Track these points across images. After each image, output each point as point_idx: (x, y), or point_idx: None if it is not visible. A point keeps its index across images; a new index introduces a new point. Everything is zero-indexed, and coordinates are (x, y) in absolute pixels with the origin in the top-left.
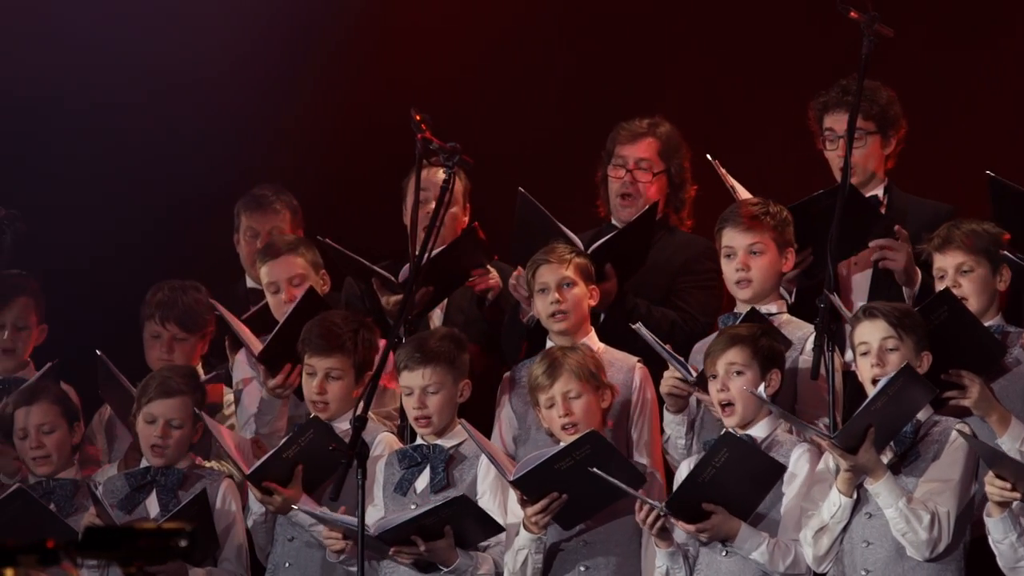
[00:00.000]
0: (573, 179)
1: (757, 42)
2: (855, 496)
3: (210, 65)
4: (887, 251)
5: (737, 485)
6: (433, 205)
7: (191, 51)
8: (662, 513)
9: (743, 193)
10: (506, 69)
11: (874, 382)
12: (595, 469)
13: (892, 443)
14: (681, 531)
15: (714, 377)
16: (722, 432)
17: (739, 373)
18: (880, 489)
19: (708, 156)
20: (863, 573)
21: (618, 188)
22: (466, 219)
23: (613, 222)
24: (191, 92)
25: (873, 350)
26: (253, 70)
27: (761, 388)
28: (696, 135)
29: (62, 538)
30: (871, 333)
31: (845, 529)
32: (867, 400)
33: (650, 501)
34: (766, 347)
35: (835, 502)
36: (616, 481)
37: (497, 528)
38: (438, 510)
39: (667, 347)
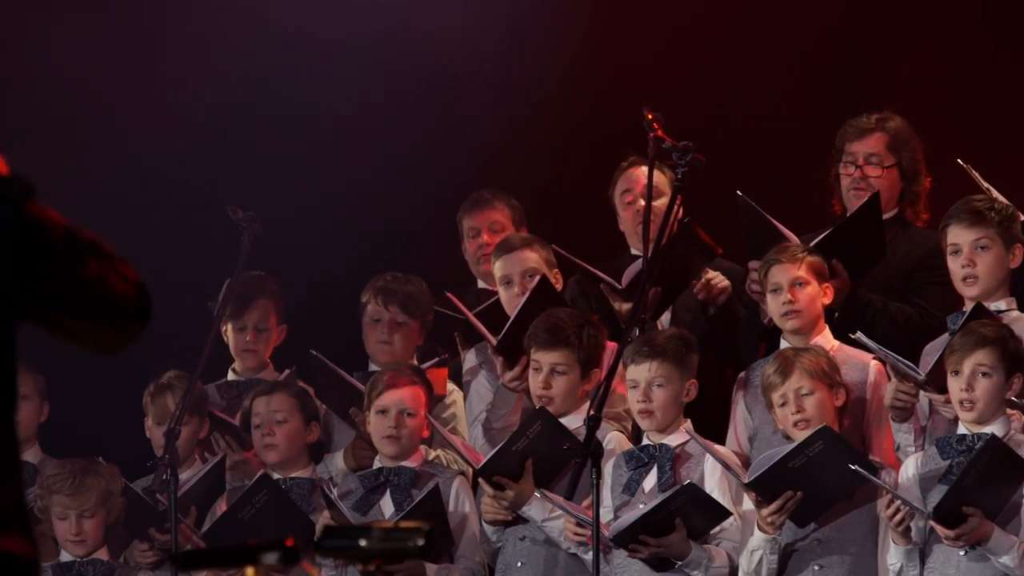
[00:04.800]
0: (811, 178)
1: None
2: None
3: (440, 73)
4: None
5: (991, 488)
6: (641, 203)
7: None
8: (927, 518)
9: (997, 196)
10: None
11: None
12: (855, 466)
13: None
14: (914, 527)
15: (956, 374)
16: (988, 436)
17: (985, 375)
18: None
19: (959, 161)
20: None
21: (849, 184)
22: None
23: None
24: (424, 101)
25: None
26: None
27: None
28: (930, 132)
29: (303, 534)
30: None
31: None
32: None
33: (911, 503)
34: (1014, 350)
35: None
36: (873, 477)
37: (725, 512)
38: (667, 503)
39: (892, 353)
